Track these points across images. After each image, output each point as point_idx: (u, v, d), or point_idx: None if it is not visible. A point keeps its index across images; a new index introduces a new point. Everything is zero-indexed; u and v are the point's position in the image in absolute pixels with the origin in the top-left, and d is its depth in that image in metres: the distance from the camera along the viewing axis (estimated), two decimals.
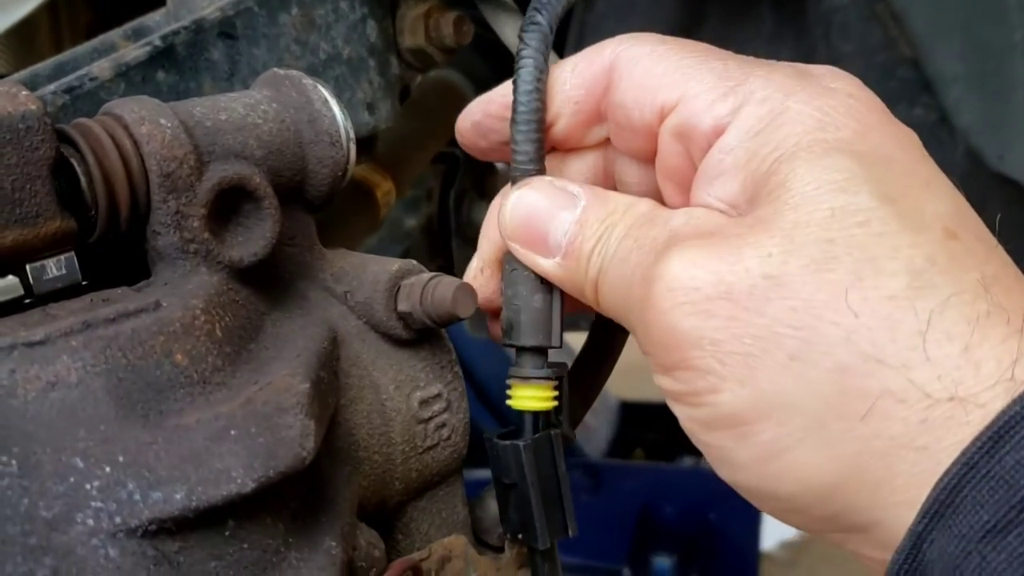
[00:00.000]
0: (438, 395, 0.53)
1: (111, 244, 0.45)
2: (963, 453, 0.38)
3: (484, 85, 1.39)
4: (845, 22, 1.07)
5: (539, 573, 0.53)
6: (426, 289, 0.49)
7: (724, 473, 0.45)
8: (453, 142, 1.47)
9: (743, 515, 2.20)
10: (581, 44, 1.16)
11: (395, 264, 0.51)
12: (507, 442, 0.51)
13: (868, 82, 1.22)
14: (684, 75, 0.47)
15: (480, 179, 1.56)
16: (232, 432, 0.39)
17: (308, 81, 0.50)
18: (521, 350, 0.52)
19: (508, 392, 0.52)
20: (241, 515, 0.40)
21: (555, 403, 0.52)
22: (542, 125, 0.50)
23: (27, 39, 1.38)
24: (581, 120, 0.51)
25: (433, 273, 0.50)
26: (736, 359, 0.41)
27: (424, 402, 0.52)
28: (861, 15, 1.06)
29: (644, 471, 2.35)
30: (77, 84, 0.61)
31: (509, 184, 0.52)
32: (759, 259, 0.41)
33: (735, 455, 0.43)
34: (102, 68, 0.63)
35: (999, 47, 1.01)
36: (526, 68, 0.49)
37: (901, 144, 0.46)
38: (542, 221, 0.48)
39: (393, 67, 0.83)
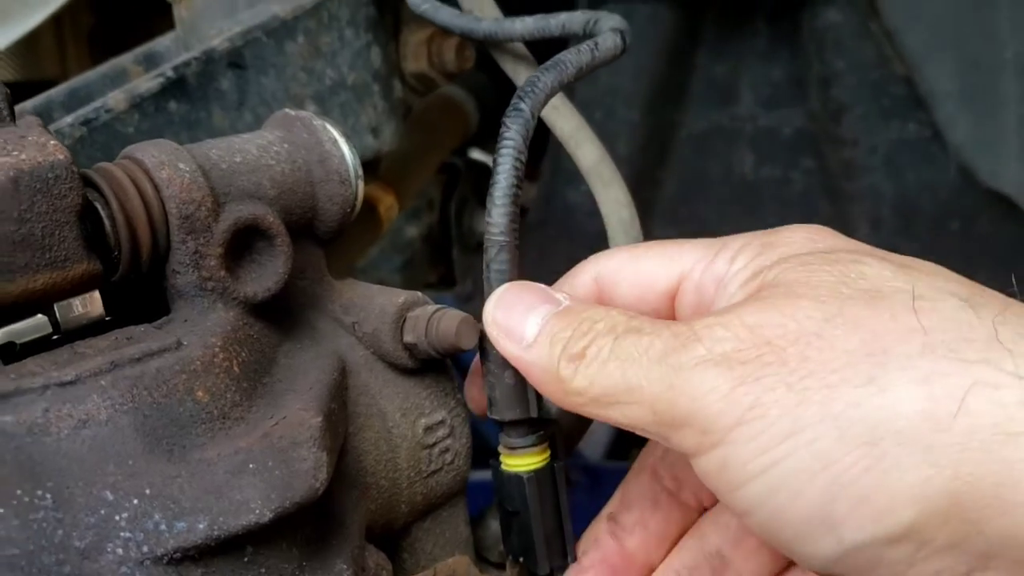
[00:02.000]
0: (442, 421, 0.55)
1: (133, 282, 0.48)
2: None
3: (485, 99, 1.41)
4: (839, 40, 1.09)
5: None
6: (431, 321, 0.51)
7: (816, 544, 0.41)
8: (454, 152, 1.49)
9: None
10: None
11: (401, 296, 0.53)
12: (511, 472, 0.54)
13: (861, 99, 1.24)
14: (673, 259, 0.51)
15: (481, 188, 1.58)
16: (251, 466, 0.41)
17: (318, 122, 0.53)
18: (505, 423, 0.54)
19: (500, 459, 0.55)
20: (259, 542, 0.43)
21: (546, 461, 0.54)
22: (517, 201, 0.53)
23: (31, 44, 1.40)
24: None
25: (437, 306, 0.53)
26: (809, 395, 0.40)
27: (429, 428, 0.55)
28: (855, 33, 1.09)
29: None
30: (93, 116, 0.64)
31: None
32: (809, 310, 0.41)
33: (826, 510, 0.40)
34: (117, 100, 0.65)
35: (990, 65, 1.03)
36: (507, 151, 0.52)
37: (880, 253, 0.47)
38: (521, 310, 0.49)
39: (397, 91, 0.86)
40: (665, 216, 1.34)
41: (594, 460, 2.41)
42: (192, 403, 0.42)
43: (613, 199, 0.70)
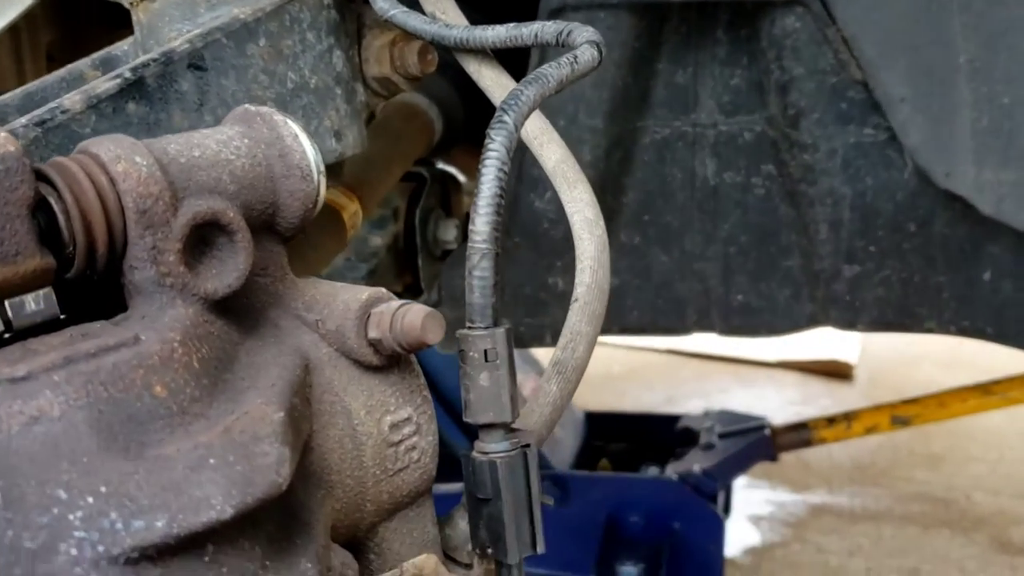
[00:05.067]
0: (408, 419, 0.55)
1: (89, 279, 0.47)
2: None
3: (448, 107, 1.42)
4: (797, 46, 1.11)
5: None
6: (396, 317, 0.51)
7: None
8: (418, 161, 1.49)
9: (707, 523, 2.23)
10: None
11: (365, 292, 0.53)
12: (484, 457, 0.54)
13: (819, 104, 1.26)
14: None
15: (446, 197, 1.57)
16: (211, 461, 0.40)
17: (279, 117, 0.52)
18: (479, 427, 0.54)
19: None
20: (220, 540, 0.42)
21: (519, 448, 0.54)
22: (500, 210, 0.54)
23: None
24: None
25: (402, 301, 0.52)
26: None
27: (394, 426, 0.54)
28: (812, 39, 1.10)
29: (609, 481, 2.37)
30: (49, 117, 0.62)
31: None
32: None
33: None
34: (73, 100, 0.64)
35: (944, 70, 1.05)
36: (491, 162, 0.54)
37: None
38: None
39: (359, 95, 0.85)
40: (630, 223, 1.35)
41: (560, 471, 2.40)
42: (150, 399, 0.41)
43: (577, 198, 0.70)
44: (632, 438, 2.68)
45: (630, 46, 1.17)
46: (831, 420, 2.29)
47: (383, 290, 0.54)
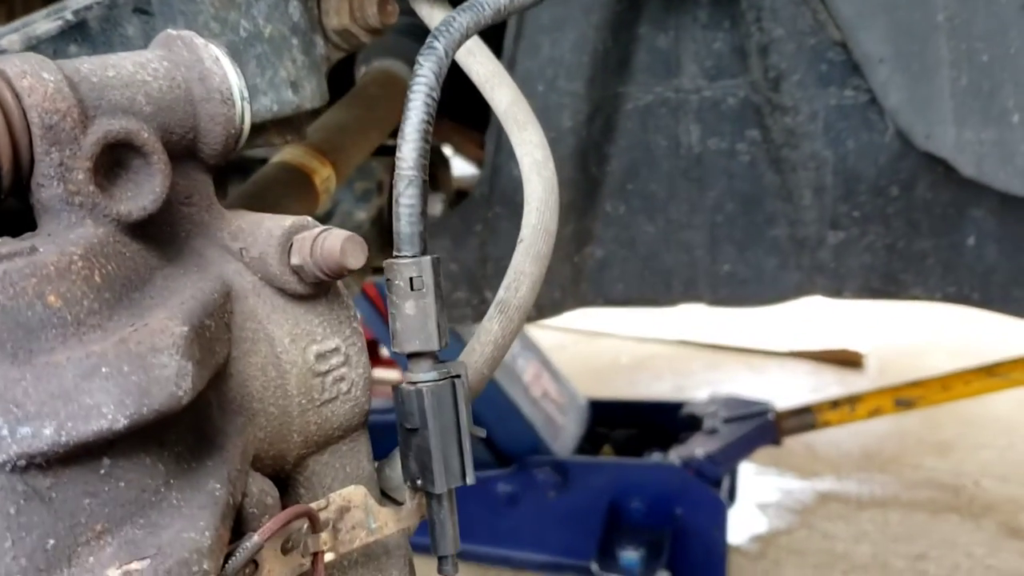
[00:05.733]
0: (336, 349, 0.54)
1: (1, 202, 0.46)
2: None
3: None
4: (775, 7, 1.09)
5: (435, 518, 0.54)
6: (316, 242, 0.50)
7: None
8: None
9: (710, 508, 2.21)
10: (519, 32, 1.17)
11: (288, 220, 0.52)
12: (412, 387, 0.53)
13: (799, 66, 1.24)
14: None
15: (433, 171, 1.57)
16: (103, 370, 0.40)
17: (200, 40, 0.51)
18: (409, 356, 0.54)
19: None
20: (117, 454, 0.41)
21: (447, 378, 0.54)
22: (428, 137, 0.53)
23: None
24: None
25: (324, 227, 0.51)
26: None
27: (321, 355, 0.53)
28: (791, 0, 1.08)
29: (612, 467, 2.36)
30: None
31: None
32: None
33: None
34: (11, 41, 0.63)
35: (923, 29, 1.03)
36: (419, 88, 0.53)
37: None
38: None
39: (318, 47, 0.84)
40: (614, 193, 1.33)
41: (563, 457, 2.39)
42: (42, 307, 0.40)
43: (527, 140, 0.69)
44: (636, 425, 2.67)
45: (610, 8, 1.16)
46: (835, 404, 2.26)
47: (307, 218, 0.53)
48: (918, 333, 3.63)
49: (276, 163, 1.02)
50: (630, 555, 2.21)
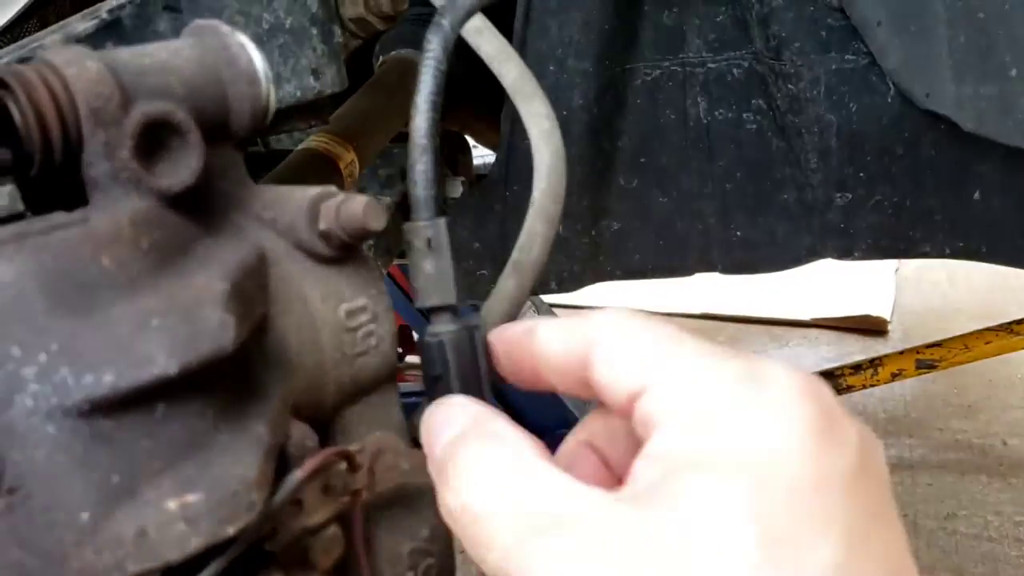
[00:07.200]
0: (364, 307, 0.58)
1: (51, 179, 0.51)
2: None
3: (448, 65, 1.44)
4: None
5: None
6: (340, 207, 0.55)
7: None
8: None
9: None
10: (527, 16, 1.21)
11: (315, 190, 0.56)
12: (434, 339, 0.57)
13: (799, 33, 1.27)
14: (650, 365, 0.47)
15: (453, 156, 1.61)
16: (155, 322, 0.44)
17: (226, 28, 0.56)
18: (430, 311, 0.58)
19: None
20: (170, 400, 0.45)
21: (467, 330, 0.58)
22: (438, 108, 0.57)
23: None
24: (571, 388, 0.54)
25: (348, 194, 0.56)
26: None
27: (350, 313, 0.58)
28: None
29: None
30: (28, 56, 0.67)
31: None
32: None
33: None
34: (53, 40, 0.68)
35: None
36: (429, 62, 0.58)
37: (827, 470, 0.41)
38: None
39: (336, 36, 0.89)
40: (627, 167, 1.37)
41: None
42: (97, 269, 0.45)
43: (535, 112, 0.73)
44: None
45: None
46: (857, 367, 2.28)
47: (332, 188, 0.57)
48: (941, 297, 3.63)
49: (302, 149, 1.07)
50: None
